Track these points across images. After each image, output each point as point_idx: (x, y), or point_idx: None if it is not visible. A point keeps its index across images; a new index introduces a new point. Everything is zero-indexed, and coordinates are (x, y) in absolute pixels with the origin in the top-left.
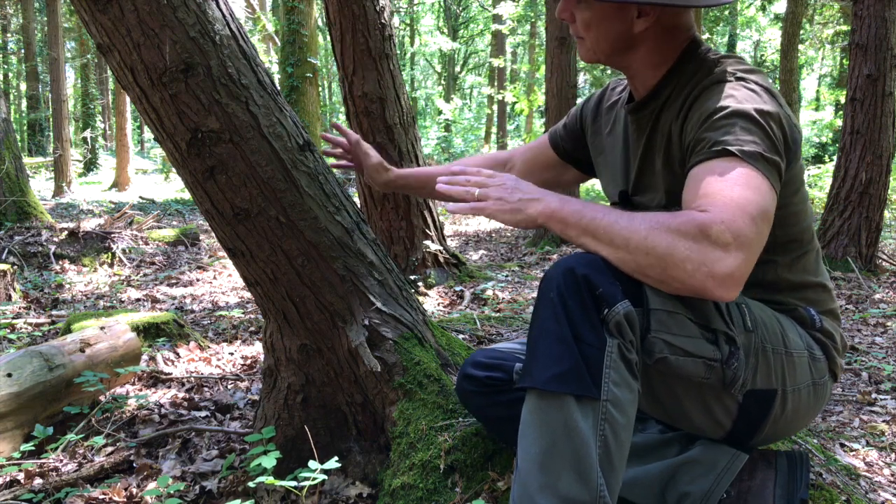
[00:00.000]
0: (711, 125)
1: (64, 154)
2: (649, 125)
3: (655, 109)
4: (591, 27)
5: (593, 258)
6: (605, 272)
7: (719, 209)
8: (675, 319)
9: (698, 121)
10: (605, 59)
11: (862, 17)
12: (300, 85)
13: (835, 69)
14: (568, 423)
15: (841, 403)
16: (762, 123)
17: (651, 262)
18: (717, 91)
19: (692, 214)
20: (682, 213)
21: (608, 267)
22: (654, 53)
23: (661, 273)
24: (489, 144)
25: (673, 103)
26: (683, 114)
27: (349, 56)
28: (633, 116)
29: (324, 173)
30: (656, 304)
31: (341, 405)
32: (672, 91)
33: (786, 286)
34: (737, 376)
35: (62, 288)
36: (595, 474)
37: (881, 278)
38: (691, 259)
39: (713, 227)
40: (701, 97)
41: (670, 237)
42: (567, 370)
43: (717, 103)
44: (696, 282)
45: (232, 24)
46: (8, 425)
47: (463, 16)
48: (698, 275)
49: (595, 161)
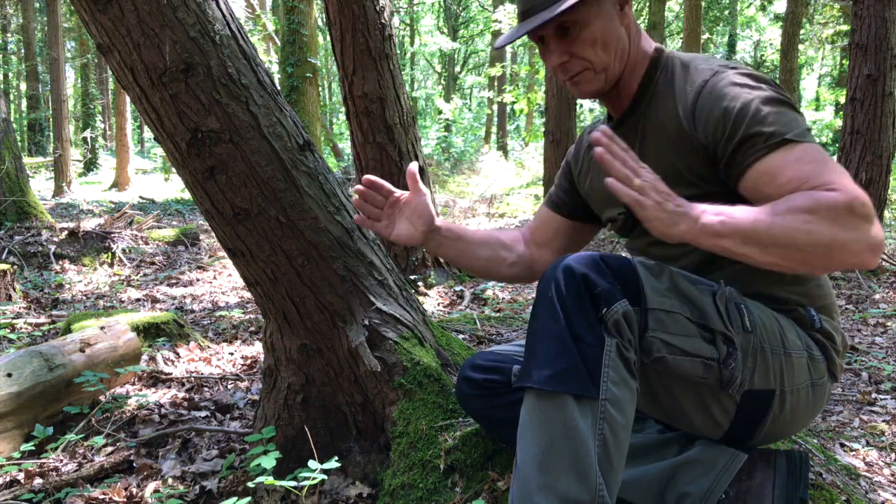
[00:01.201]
0: (751, 121)
1: (64, 154)
2: (638, 129)
3: (640, 115)
4: (597, 42)
5: (591, 257)
6: (604, 271)
7: (838, 186)
8: (672, 319)
9: (724, 120)
10: (614, 72)
11: (862, 17)
12: (300, 85)
13: (835, 69)
14: (567, 423)
15: (841, 403)
16: (784, 100)
17: (819, 252)
18: (723, 87)
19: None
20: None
21: (607, 266)
22: (635, 51)
23: (826, 259)
24: (489, 144)
25: (659, 103)
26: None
27: (349, 56)
28: (620, 131)
29: (324, 173)
30: (654, 304)
31: (341, 405)
32: (652, 94)
33: (790, 277)
34: (734, 376)
35: (62, 288)
36: (594, 474)
37: (881, 278)
38: (853, 239)
39: (853, 203)
40: (703, 94)
41: (827, 225)
42: (566, 370)
43: (737, 100)
44: (859, 258)
45: (232, 24)
46: (8, 425)
47: (463, 16)
48: (861, 251)
49: (588, 194)
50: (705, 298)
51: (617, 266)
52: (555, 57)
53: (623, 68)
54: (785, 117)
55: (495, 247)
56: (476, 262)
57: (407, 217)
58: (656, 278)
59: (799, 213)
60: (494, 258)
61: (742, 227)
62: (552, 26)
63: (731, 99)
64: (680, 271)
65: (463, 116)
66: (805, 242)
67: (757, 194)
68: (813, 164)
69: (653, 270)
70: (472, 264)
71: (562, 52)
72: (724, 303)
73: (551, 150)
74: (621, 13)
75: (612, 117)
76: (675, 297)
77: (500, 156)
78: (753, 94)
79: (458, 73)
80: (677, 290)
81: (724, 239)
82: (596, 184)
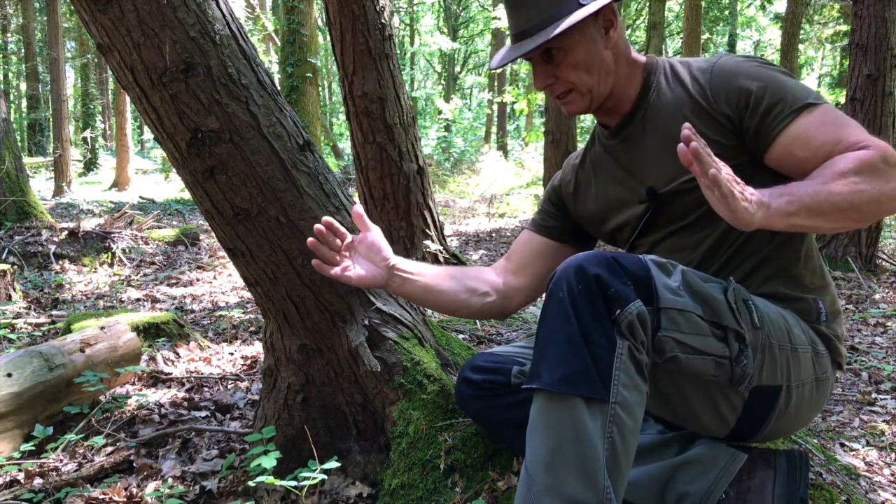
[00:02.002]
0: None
1: (64, 154)
2: (645, 126)
3: (643, 112)
4: (579, 66)
5: (604, 257)
6: (617, 271)
7: (867, 142)
8: (685, 317)
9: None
10: (601, 92)
11: (862, 17)
12: (300, 85)
13: (835, 69)
14: (576, 426)
15: (841, 403)
16: (786, 72)
17: (873, 206)
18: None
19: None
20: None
21: (619, 266)
22: (624, 66)
23: (878, 211)
24: (489, 144)
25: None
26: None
27: (349, 56)
28: (622, 134)
29: (324, 173)
30: (667, 303)
31: (341, 405)
32: (656, 90)
33: (806, 263)
34: (745, 373)
35: (62, 288)
36: (602, 477)
37: (881, 278)
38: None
39: (886, 156)
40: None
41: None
42: (576, 372)
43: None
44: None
45: (232, 24)
46: (8, 425)
47: (463, 16)
48: None
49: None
50: (717, 295)
51: (630, 265)
52: (540, 80)
53: (611, 87)
54: (797, 84)
55: (463, 278)
56: (443, 295)
57: (363, 256)
58: (668, 276)
59: (848, 177)
60: (465, 289)
61: (806, 202)
62: (538, 52)
63: (745, 72)
64: (690, 269)
65: (463, 116)
66: (860, 202)
67: (789, 159)
68: (836, 125)
69: (664, 268)
70: (439, 299)
71: (547, 74)
72: (734, 299)
73: (551, 150)
74: (606, 37)
75: (608, 126)
76: (687, 295)
77: (500, 156)
78: (764, 67)
79: (458, 73)
80: (689, 288)
81: (794, 216)
82: (602, 192)
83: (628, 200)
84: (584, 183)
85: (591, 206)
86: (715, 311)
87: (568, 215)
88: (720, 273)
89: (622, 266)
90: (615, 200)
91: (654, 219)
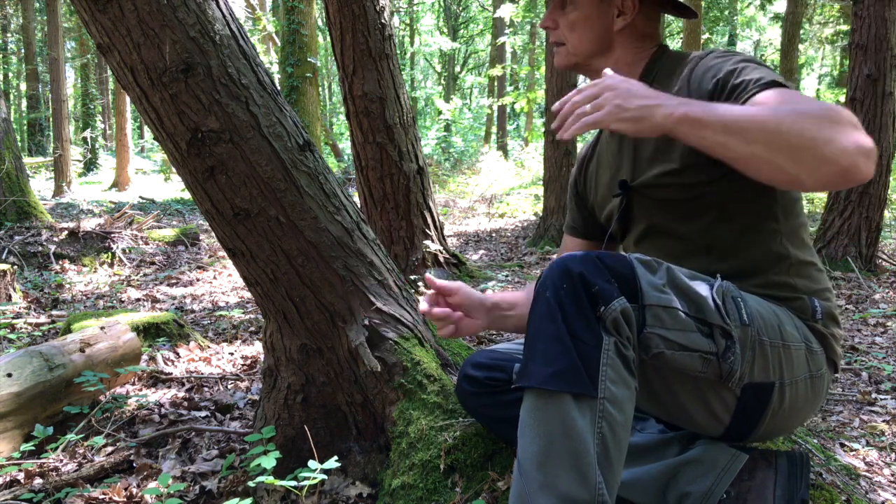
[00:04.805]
0: (740, 73)
1: (64, 154)
2: None
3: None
4: (575, 28)
5: (587, 256)
6: (601, 269)
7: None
8: (670, 314)
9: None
10: (583, 60)
11: (862, 17)
12: (300, 85)
13: (835, 69)
14: (566, 422)
15: (841, 403)
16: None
17: (807, 145)
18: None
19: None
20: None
21: (603, 264)
22: (629, 53)
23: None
24: (489, 144)
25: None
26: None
27: (349, 56)
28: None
29: (324, 173)
30: (652, 300)
31: (341, 405)
32: (652, 80)
33: (794, 260)
34: (733, 370)
35: (62, 288)
36: (594, 473)
37: (881, 278)
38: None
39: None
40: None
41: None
42: (564, 369)
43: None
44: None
45: (232, 24)
46: (8, 425)
47: (463, 16)
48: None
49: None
50: (702, 292)
51: (613, 263)
52: (546, 19)
53: (597, 66)
54: (769, 71)
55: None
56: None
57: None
58: (653, 274)
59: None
60: None
61: (726, 116)
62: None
63: (722, 62)
64: (676, 267)
65: (463, 116)
66: (792, 133)
67: None
68: (804, 100)
69: (649, 266)
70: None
71: (551, 18)
72: (721, 296)
73: (551, 150)
74: (617, 18)
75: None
76: (672, 293)
77: (500, 156)
78: (740, 57)
79: (458, 73)
80: (674, 285)
81: (706, 128)
82: (602, 179)
83: (610, 191)
84: (594, 169)
85: (592, 195)
86: (700, 308)
87: (587, 206)
88: (707, 270)
89: (606, 264)
90: (605, 188)
91: (630, 212)
